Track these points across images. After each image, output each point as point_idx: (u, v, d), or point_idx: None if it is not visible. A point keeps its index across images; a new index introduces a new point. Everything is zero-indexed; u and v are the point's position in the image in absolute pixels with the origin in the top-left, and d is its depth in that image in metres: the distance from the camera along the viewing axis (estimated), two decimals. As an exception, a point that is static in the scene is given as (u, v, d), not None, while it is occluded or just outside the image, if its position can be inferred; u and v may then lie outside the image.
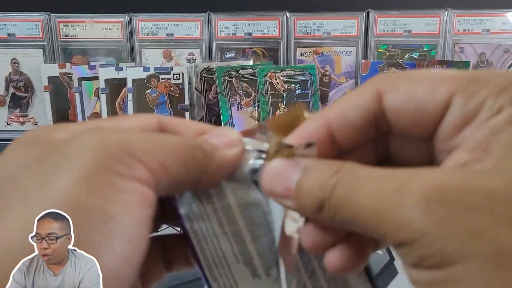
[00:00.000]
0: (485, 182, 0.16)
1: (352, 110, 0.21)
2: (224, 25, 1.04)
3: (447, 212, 0.16)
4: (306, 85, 1.00)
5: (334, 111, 0.21)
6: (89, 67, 0.98)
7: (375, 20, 1.03)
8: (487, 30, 1.03)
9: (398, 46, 1.05)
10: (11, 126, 1.04)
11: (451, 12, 1.02)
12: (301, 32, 1.04)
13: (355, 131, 0.21)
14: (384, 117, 0.20)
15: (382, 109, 0.20)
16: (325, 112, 0.22)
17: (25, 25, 1.02)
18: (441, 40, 1.04)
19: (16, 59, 1.03)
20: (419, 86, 0.20)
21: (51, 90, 0.99)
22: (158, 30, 1.04)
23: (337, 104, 0.22)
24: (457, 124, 0.19)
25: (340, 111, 0.21)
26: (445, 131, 0.19)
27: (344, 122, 0.21)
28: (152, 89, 0.98)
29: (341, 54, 1.05)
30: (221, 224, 0.23)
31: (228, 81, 0.98)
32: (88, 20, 1.03)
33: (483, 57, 1.03)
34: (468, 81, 0.19)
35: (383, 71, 1.00)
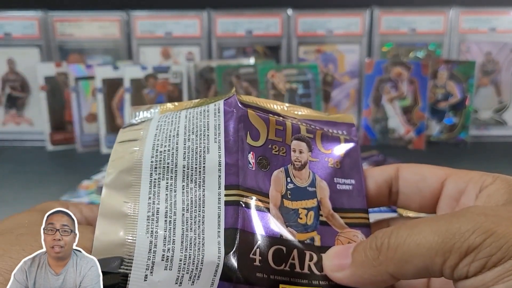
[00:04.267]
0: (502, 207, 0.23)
1: (378, 171, 0.29)
2: (224, 22, 1.02)
3: (500, 221, 0.20)
4: (309, 85, 0.98)
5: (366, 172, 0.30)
6: (86, 66, 0.97)
7: (379, 18, 1.01)
8: (493, 28, 1.01)
9: (402, 44, 1.03)
10: (7, 126, 1.03)
11: (456, 10, 1.01)
12: (303, 30, 1.02)
13: (376, 189, 0.29)
14: (396, 184, 0.29)
15: (397, 176, 0.29)
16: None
17: (21, 24, 1.01)
18: (446, 39, 1.02)
19: (12, 59, 1.01)
20: (424, 167, 0.28)
21: (47, 90, 0.97)
22: (156, 28, 1.02)
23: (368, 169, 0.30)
24: (454, 195, 0.27)
25: (369, 173, 0.30)
26: (444, 203, 0.27)
27: (373, 180, 0.29)
28: (150, 88, 0.96)
29: (344, 52, 1.03)
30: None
31: (228, 80, 0.97)
32: (85, 19, 1.02)
33: (489, 56, 1.02)
34: (457, 170, 0.27)
35: (387, 70, 0.98)
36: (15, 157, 0.94)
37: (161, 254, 0.22)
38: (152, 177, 0.25)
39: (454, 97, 0.99)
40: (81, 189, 0.72)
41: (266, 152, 0.27)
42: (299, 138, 0.29)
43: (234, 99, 0.28)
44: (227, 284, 0.23)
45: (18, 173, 0.84)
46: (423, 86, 0.97)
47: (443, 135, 1.00)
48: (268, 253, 0.24)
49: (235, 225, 0.24)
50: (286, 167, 0.28)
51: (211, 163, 0.25)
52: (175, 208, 0.24)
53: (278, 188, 0.27)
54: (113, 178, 0.25)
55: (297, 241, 0.25)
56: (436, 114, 0.99)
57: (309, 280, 0.24)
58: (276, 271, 0.24)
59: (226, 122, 0.27)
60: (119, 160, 0.26)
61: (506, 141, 1.01)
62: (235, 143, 0.26)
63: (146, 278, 0.22)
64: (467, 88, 0.98)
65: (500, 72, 1.02)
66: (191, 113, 0.28)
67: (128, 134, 0.28)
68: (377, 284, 0.23)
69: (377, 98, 1.00)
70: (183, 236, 0.23)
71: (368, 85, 1.00)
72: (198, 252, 0.23)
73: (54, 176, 0.82)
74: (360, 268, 0.23)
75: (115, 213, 0.23)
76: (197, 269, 0.22)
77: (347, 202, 0.28)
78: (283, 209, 0.26)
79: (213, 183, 0.25)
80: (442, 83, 0.99)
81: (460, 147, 0.98)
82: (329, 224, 0.27)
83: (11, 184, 0.78)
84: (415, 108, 0.98)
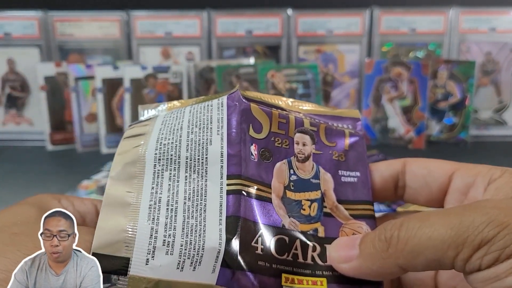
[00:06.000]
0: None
1: (384, 165, 0.29)
2: (224, 22, 1.02)
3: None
4: (308, 85, 0.98)
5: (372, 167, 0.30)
6: (86, 66, 0.97)
7: (379, 18, 1.01)
8: (493, 28, 1.01)
9: (402, 44, 1.03)
10: (7, 126, 1.03)
11: (456, 10, 1.01)
12: (303, 30, 1.02)
13: (382, 182, 0.29)
14: (403, 178, 0.29)
15: (404, 171, 0.29)
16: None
17: (21, 24, 1.01)
18: (446, 39, 1.02)
19: (12, 59, 1.01)
20: (431, 161, 0.28)
21: (47, 89, 0.97)
22: (156, 28, 1.02)
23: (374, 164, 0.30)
24: (462, 188, 0.26)
25: (375, 167, 0.30)
26: (453, 198, 0.27)
27: (379, 174, 0.29)
28: (150, 88, 0.96)
29: (344, 52, 1.03)
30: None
31: (228, 80, 0.97)
32: (85, 19, 1.02)
33: (489, 56, 1.02)
34: (464, 164, 0.27)
35: (387, 69, 0.98)
36: (15, 157, 0.94)
37: (162, 239, 0.23)
38: (156, 168, 0.25)
39: (454, 97, 0.99)
40: (81, 189, 0.72)
41: (269, 144, 0.28)
42: (303, 131, 0.29)
43: (237, 94, 0.28)
44: (228, 270, 0.23)
45: (18, 173, 0.84)
46: (423, 86, 0.97)
47: (443, 135, 1.00)
48: (270, 243, 0.24)
49: (237, 213, 0.24)
50: (289, 159, 0.28)
51: (213, 154, 0.26)
52: (177, 197, 0.24)
53: (281, 179, 0.27)
54: (118, 171, 0.25)
55: (299, 232, 0.25)
56: (436, 114, 0.99)
57: (313, 270, 0.24)
58: (278, 260, 0.24)
59: (229, 115, 0.27)
60: (124, 153, 0.26)
61: (506, 141, 1.01)
62: (237, 135, 0.26)
63: (148, 262, 0.22)
64: (467, 88, 0.98)
65: (500, 72, 1.02)
66: (195, 108, 0.28)
67: (134, 130, 0.28)
68: (385, 275, 0.23)
69: (377, 98, 1.00)
70: (184, 223, 0.23)
71: (368, 85, 1.00)
72: (199, 238, 0.23)
73: (54, 176, 0.83)
74: (368, 260, 0.23)
75: (118, 202, 0.24)
76: (198, 254, 0.22)
77: (352, 194, 0.28)
78: (285, 200, 0.26)
79: (215, 173, 0.25)
80: (442, 83, 0.99)
81: (460, 147, 0.98)
82: (333, 216, 0.27)
83: (11, 184, 0.78)
84: (415, 108, 0.98)
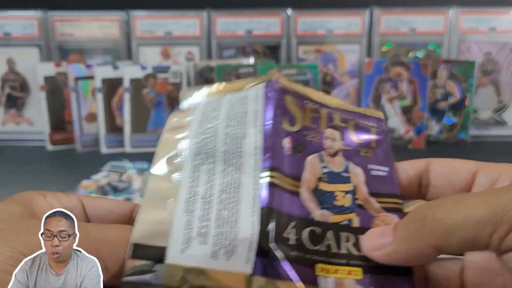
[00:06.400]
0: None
1: (408, 164, 0.29)
2: (223, 22, 1.02)
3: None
4: (308, 84, 0.98)
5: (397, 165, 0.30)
6: (86, 66, 0.97)
7: (379, 18, 1.01)
8: (493, 28, 1.01)
9: (402, 44, 1.03)
10: (7, 126, 1.03)
11: (456, 10, 1.01)
12: (303, 30, 1.03)
13: (407, 180, 0.29)
14: (427, 177, 0.29)
15: (427, 169, 0.29)
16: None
17: (21, 24, 1.01)
18: (446, 39, 1.02)
19: (12, 58, 1.01)
20: (455, 161, 0.29)
21: (47, 89, 0.97)
22: (156, 28, 1.02)
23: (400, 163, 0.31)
24: (486, 186, 0.26)
25: (399, 166, 0.30)
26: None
27: (404, 173, 0.29)
28: (149, 88, 0.96)
29: (344, 52, 1.03)
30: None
31: (228, 80, 0.97)
32: (85, 18, 1.02)
33: (489, 56, 1.02)
34: (487, 163, 0.28)
35: (387, 69, 0.98)
36: (15, 157, 0.95)
37: (196, 230, 0.24)
38: (194, 163, 0.26)
39: (454, 97, 0.99)
40: (80, 189, 0.72)
41: (301, 138, 0.28)
42: (333, 127, 0.30)
43: (274, 83, 0.30)
44: (262, 260, 0.23)
45: (18, 173, 0.84)
46: (423, 86, 0.97)
47: (443, 134, 1.00)
48: (302, 234, 0.25)
49: (270, 205, 0.25)
50: (320, 153, 0.29)
51: (248, 147, 0.27)
52: (212, 190, 0.25)
53: (314, 171, 0.28)
54: (159, 165, 0.27)
55: (331, 223, 0.26)
56: (435, 114, 1.00)
57: (348, 260, 0.25)
58: (311, 251, 0.24)
59: (265, 107, 0.29)
60: (166, 148, 0.28)
61: (505, 141, 1.01)
62: (272, 128, 0.28)
63: (183, 251, 0.23)
64: (466, 88, 0.98)
65: (500, 72, 1.02)
66: (233, 99, 0.30)
67: (175, 122, 0.30)
68: (419, 259, 0.23)
69: (376, 98, 1.00)
70: (218, 215, 0.24)
71: (368, 85, 1.00)
72: (233, 229, 0.24)
73: (54, 176, 0.83)
74: (402, 243, 0.23)
75: (159, 197, 0.25)
76: (231, 244, 0.23)
77: (382, 188, 0.28)
78: (317, 192, 0.27)
79: (250, 166, 0.26)
80: (442, 83, 0.99)
81: (459, 146, 0.98)
82: (365, 208, 0.27)
83: (11, 184, 0.78)
84: (415, 108, 0.98)
